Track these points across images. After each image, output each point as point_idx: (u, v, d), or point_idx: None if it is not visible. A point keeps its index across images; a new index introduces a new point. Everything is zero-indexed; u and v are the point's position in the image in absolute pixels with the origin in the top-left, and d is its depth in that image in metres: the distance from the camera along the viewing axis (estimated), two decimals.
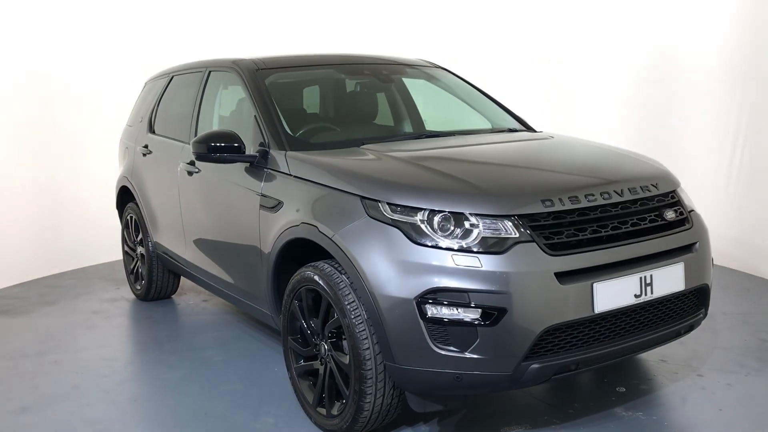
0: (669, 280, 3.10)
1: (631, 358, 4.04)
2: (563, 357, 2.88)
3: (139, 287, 5.64)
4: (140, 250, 5.52)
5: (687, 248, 3.24)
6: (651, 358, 4.06)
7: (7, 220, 6.35)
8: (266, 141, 3.76)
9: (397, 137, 4.01)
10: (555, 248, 2.87)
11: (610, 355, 3.02)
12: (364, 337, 2.98)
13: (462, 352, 2.81)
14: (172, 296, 5.65)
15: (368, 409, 3.07)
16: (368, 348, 2.98)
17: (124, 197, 5.76)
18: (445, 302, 2.79)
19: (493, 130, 4.36)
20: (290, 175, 3.50)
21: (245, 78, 4.13)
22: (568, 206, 2.96)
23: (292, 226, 3.36)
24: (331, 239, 3.09)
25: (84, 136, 6.98)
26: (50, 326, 5.10)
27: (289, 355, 3.52)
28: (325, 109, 4.52)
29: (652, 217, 3.18)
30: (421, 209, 2.90)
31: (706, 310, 3.41)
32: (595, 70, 7.05)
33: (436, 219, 2.88)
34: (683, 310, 3.26)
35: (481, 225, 2.86)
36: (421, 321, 2.81)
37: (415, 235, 2.87)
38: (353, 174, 3.23)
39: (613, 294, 2.92)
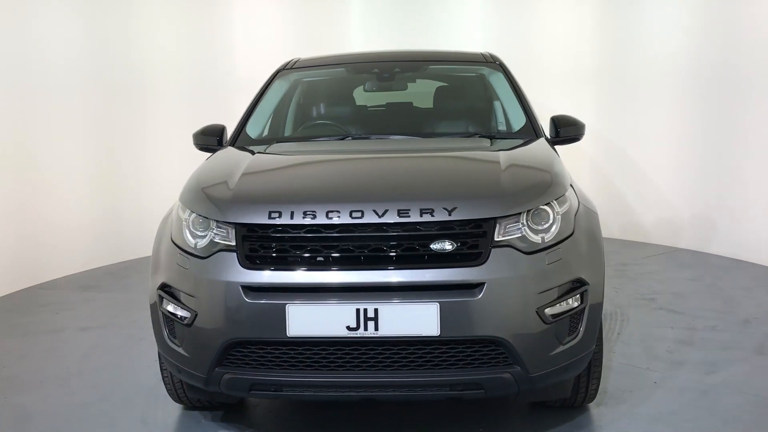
0: (408, 319, 2.68)
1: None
2: (259, 374, 2.80)
3: None
4: None
5: (460, 288, 2.70)
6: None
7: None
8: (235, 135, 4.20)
9: (319, 137, 3.99)
10: (256, 261, 2.79)
11: (328, 386, 2.80)
12: None
13: (179, 346, 2.97)
14: None
15: (168, 383, 3.40)
16: None
17: None
18: (170, 297, 2.98)
19: (453, 135, 3.98)
20: None
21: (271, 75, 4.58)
22: (298, 221, 2.81)
23: None
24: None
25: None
26: None
27: None
28: (322, 109, 4.62)
29: (414, 245, 2.74)
30: (186, 209, 3.10)
31: (526, 371, 2.75)
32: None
33: (191, 220, 3.04)
34: (461, 361, 2.73)
35: (215, 230, 2.94)
36: (159, 311, 3.06)
37: (176, 233, 3.09)
38: (198, 170, 3.51)
39: (314, 320, 2.71)
